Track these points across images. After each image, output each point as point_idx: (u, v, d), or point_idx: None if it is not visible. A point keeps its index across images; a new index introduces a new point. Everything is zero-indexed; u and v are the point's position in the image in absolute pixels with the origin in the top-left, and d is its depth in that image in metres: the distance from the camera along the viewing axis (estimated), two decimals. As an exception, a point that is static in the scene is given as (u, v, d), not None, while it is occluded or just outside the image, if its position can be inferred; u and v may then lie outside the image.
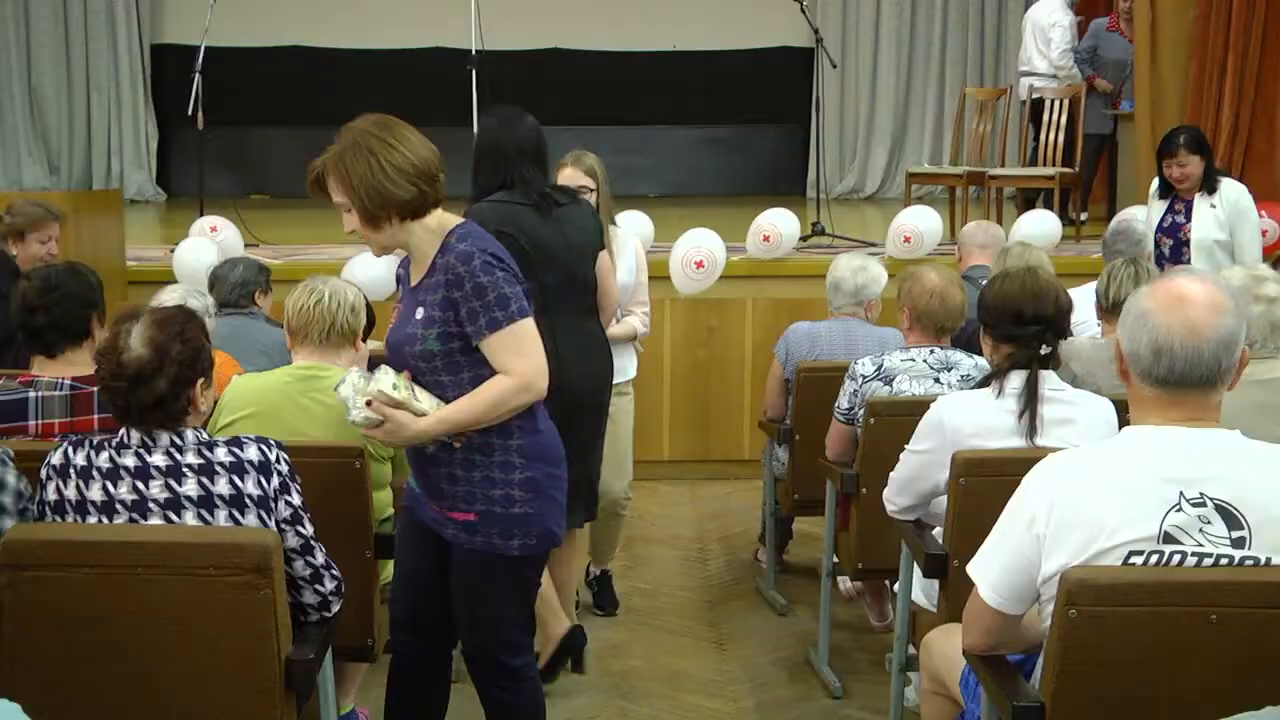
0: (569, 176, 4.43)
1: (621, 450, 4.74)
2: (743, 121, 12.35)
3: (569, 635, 4.18)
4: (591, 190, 4.40)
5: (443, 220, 2.94)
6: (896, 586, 3.73)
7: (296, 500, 2.67)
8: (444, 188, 2.93)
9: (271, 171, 11.37)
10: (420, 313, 2.91)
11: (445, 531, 3.02)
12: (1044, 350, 3.26)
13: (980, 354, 3.74)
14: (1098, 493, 2.29)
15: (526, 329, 2.90)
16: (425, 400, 2.88)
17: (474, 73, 7.73)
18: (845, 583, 4.95)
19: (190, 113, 7.80)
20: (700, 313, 6.79)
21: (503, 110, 4.04)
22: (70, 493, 2.60)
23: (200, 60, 7.80)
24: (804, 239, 7.66)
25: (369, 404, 2.82)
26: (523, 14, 10.93)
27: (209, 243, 6.62)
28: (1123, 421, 2.53)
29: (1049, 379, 3.27)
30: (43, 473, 2.63)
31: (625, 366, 4.66)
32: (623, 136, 12.22)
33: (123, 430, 2.61)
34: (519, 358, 2.89)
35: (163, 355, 2.56)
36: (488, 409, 2.88)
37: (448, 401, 2.90)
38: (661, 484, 6.74)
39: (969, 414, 3.29)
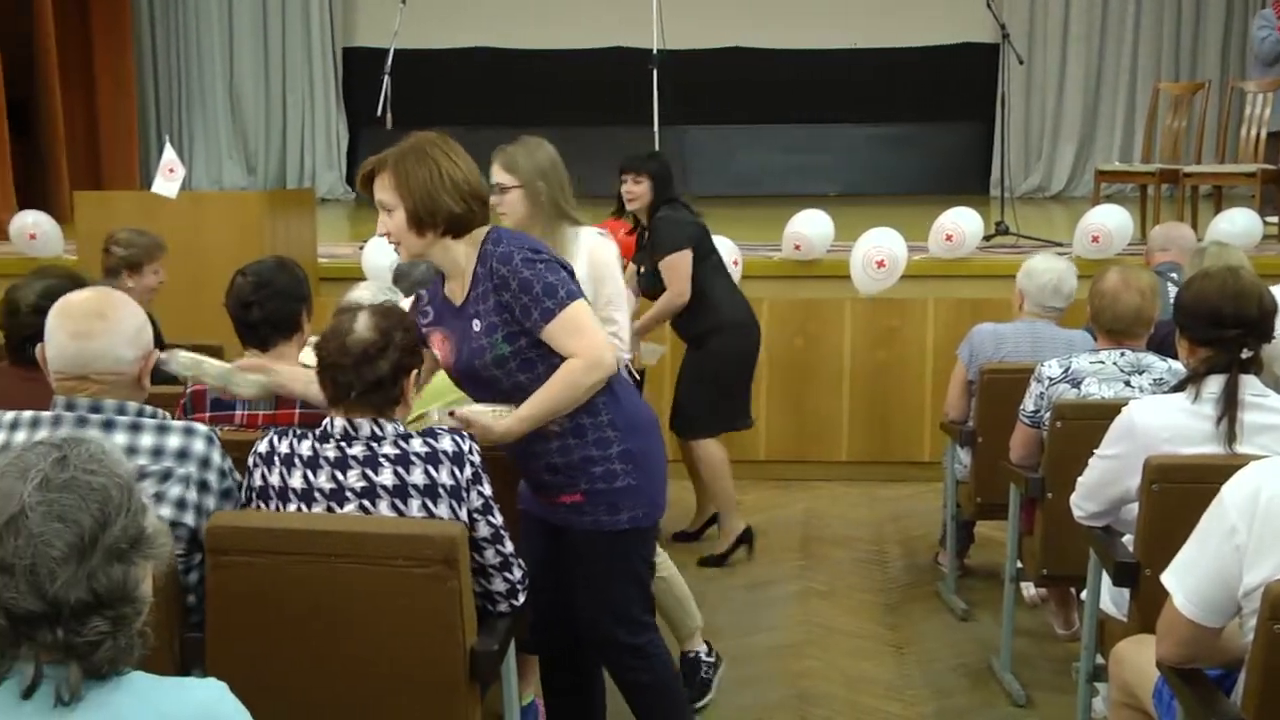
0: (493, 174, 3.81)
1: None
2: (924, 119, 12.17)
3: (746, 531, 5.52)
4: (511, 187, 3.79)
5: (475, 235, 2.99)
6: (1083, 594, 3.64)
7: (488, 490, 2.72)
8: (485, 215, 2.99)
9: (455, 171, 11.62)
10: (477, 324, 2.95)
11: (555, 517, 3.10)
12: (1245, 354, 3.13)
13: (1175, 357, 3.62)
14: (1305, 503, 2.19)
15: (579, 310, 2.94)
16: (488, 411, 2.97)
17: (655, 72, 7.77)
18: (1029, 589, 4.85)
19: (379, 113, 8.01)
20: (880, 313, 6.71)
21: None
22: (274, 480, 2.70)
23: (390, 62, 8.01)
24: (987, 238, 7.51)
25: (451, 414, 2.91)
26: (703, 12, 10.96)
27: (396, 241, 6.77)
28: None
29: (1250, 384, 3.13)
30: (249, 460, 2.74)
31: None
32: (802, 134, 12.16)
33: (326, 421, 2.70)
34: (579, 338, 2.93)
35: (388, 339, 2.68)
36: (562, 393, 2.94)
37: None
38: (839, 485, 6.70)
39: (1163, 418, 3.18)
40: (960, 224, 6.93)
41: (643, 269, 5.43)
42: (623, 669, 3.26)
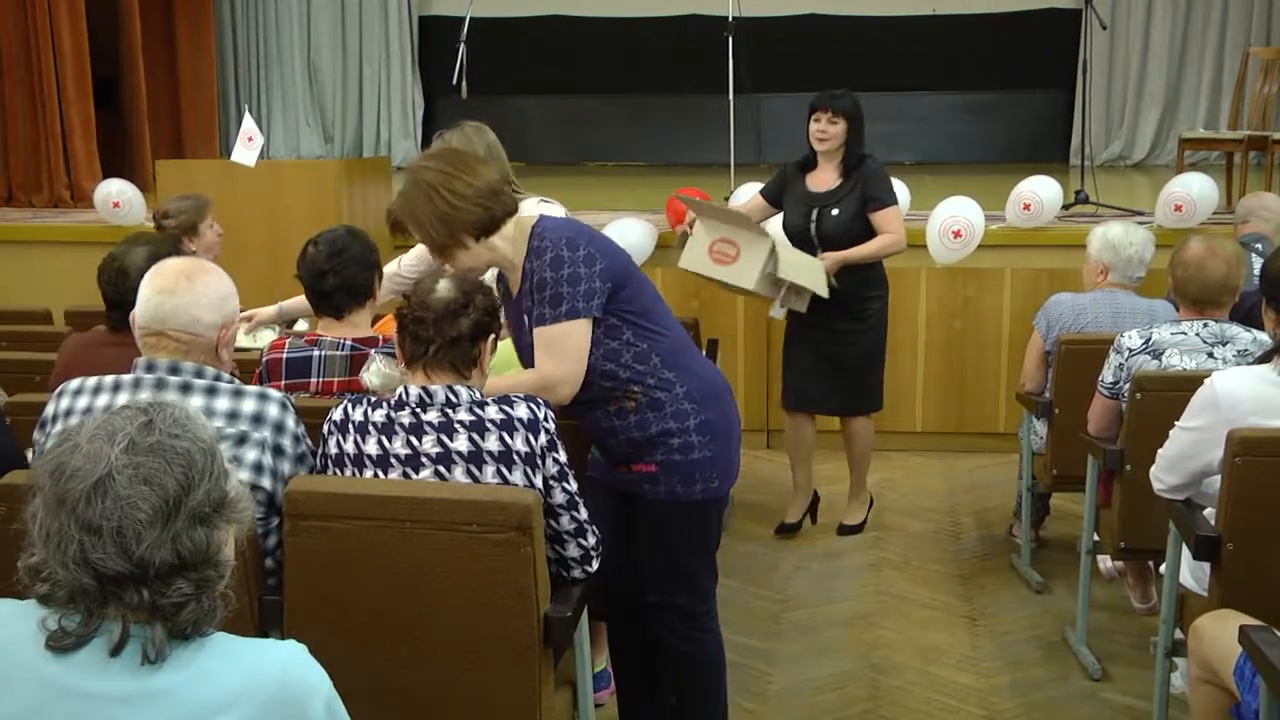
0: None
1: None
2: (1003, 87, 11.97)
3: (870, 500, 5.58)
4: None
5: (520, 225, 2.98)
6: (1162, 568, 3.59)
7: (563, 457, 2.73)
8: (510, 199, 2.97)
9: (529, 140, 11.59)
10: (528, 321, 2.99)
11: (627, 484, 3.12)
12: (1334, 325, 3.07)
13: (1260, 328, 3.56)
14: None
15: (568, 330, 2.93)
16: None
17: (730, 39, 7.72)
18: (1105, 563, 4.80)
19: (455, 82, 8.03)
20: (957, 282, 6.64)
21: None
22: (349, 447, 2.73)
23: (465, 31, 8.02)
24: (1066, 208, 7.39)
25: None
26: (779, -21, 10.86)
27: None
28: None
29: (1339, 356, 3.07)
30: (324, 428, 2.77)
31: None
32: (879, 103, 11.94)
33: (400, 389, 2.73)
34: (550, 358, 2.95)
35: (469, 299, 2.72)
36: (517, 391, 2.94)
37: (620, 376, 3.00)
38: (913, 455, 6.66)
39: (1247, 390, 3.12)
40: (1038, 193, 6.83)
41: (827, 209, 5.14)
42: (673, 634, 3.26)
